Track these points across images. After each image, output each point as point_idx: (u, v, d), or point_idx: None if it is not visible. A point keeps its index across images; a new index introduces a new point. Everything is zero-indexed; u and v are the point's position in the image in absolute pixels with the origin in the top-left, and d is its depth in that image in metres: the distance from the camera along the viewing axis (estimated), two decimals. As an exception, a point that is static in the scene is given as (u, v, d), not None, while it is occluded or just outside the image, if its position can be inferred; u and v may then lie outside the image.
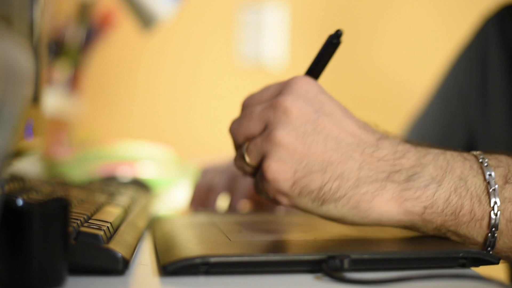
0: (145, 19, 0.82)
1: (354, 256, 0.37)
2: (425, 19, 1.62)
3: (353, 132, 0.44)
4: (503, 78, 0.78)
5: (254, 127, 0.45)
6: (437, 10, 1.62)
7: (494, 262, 0.40)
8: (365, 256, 0.38)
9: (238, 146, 0.47)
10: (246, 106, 0.48)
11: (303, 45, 1.60)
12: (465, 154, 0.44)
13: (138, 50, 1.58)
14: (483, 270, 0.39)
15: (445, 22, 1.59)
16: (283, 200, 0.44)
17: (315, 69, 0.47)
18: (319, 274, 0.37)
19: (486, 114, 0.80)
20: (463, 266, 0.39)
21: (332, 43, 0.46)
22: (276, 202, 0.45)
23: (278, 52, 1.60)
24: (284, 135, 0.43)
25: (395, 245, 0.42)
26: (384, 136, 0.44)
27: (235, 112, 0.48)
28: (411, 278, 0.35)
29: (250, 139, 0.46)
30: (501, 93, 0.78)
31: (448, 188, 0.42)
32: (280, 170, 0.43)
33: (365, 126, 0.45)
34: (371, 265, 0.38)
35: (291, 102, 0.43)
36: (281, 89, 0.46)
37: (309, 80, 0.45)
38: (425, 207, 0.41)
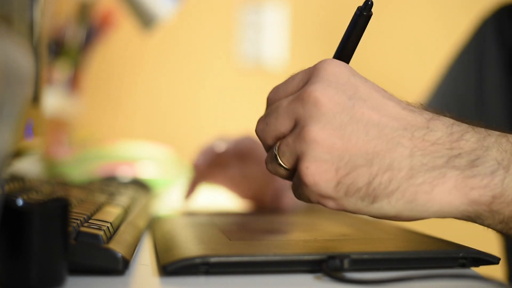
0: (145, 19, 0.82)
1: (354, 256, 0.37)
2: (423, 19, 1.62)
3: (396, 115, 0.39)
4: (500, 78, 0.78)
5: (283, 125, 0.40)
6: (436, 10, 1.62)
7: (494, 262, 0.40)
8: (365, 256, 0.38)
9: (268, 148, 0.42)
10: (272, 100, 0.43)
11: (303, 45, 1.60)
12: None
13: (138, 50, 1.58)
14: (483, 270, 0.39)
15: (443, 23, 1.59)
16: (329, 203, 0.39)
17: (345, 49, 0.42)
18: (319, 274, 0.37)
19: (483, 114, 0.80)
20: (463, 266, 0.39)
21: (362, 15, 0.41)
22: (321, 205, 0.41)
23: (278, 52, 1.60)
24: (318, 131, 0.38)
25: (395, 245, 0.42)
26: (434, 116, 0.39)
27: (235, 112, 0.48)
28: (411, 278, 0.35)
29: (280, 138, 0.41)
30: (498, 93, 0.78)
31: None
32: (320, 171, 0.38)
33: (410, 107, 0.39)
34: (371, 265, 0.38)
35: (320, 92, 0.38)
36: (307, 77, 0.41)
37: (337, 63, 0.40)
38: (494, 197, 0.37)
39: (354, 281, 0.35)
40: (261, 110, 0.44)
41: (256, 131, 0.43)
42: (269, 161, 0.42)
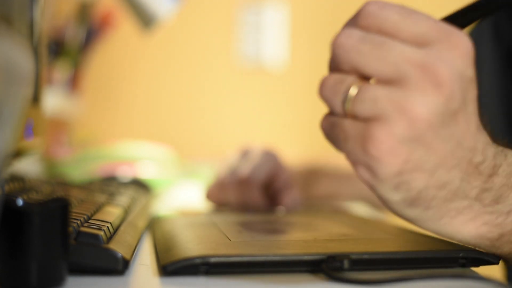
0: (145, 19, 0.82)
1: (354, 256, 0.37)
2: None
3: (474, 133, 0.36)
4: (496, 76, 0.78)
5: (384, 71, 0.34)
6: (434, 8, 1.62)
7: (494, 262, 0.40)
8: (365, 256, 0.38)
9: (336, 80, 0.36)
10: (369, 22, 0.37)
11: (303, 45, 1.60)
12: None
13: (138, 50, 1.58)
14: (483, 270, 0.39)
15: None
16: (367, 177, 0.35)
17: (464, 18, 0.38)
18: (319, 274, 0.37)
19: (480, 111, 0.80)
20: (463, 266, 0.39)
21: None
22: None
23: (278, 52, 1.60)
24: (424, 111, 0.33)
25: (395, 245, 0.42)
26: (489, 141, 0.37)
27: (235, 112, 0.47)
28: (411, 278, 0.35)
29: (359, 81, 0.35)
30: (494, 91, 0.78)
31: None
32: (391, 151, 0.33)
33: (481, 126, 0.37)
34: (371, 265, 0.38)
35: (448, 75, 0.33)
36: (433, 35, 0.35)
37: (470, 43, 0.35)
38: (501, 234, 0.37)
39: (354, 281, 0.35)
40: (261, 110, 0.44)
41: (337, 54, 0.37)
42: (331, 94, 0.36)
